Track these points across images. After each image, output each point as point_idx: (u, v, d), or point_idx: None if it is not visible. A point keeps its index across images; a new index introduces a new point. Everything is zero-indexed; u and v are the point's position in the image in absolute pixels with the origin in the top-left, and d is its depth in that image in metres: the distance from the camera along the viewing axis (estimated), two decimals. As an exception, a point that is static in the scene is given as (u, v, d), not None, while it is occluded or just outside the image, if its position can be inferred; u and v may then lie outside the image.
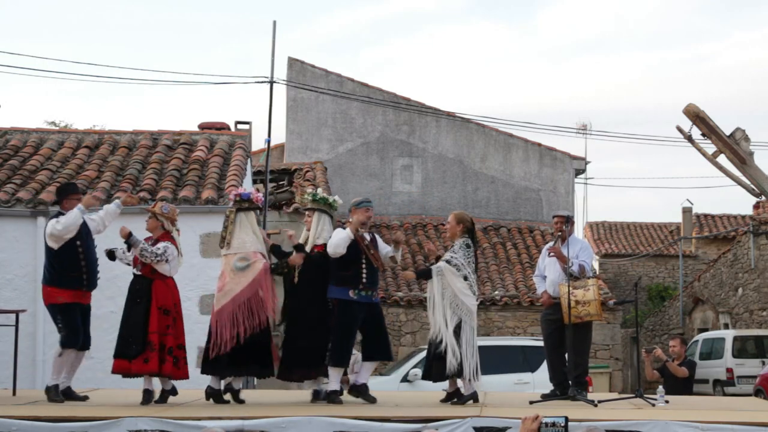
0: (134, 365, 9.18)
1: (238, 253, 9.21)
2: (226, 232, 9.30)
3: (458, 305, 9.05)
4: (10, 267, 13.74)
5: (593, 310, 9.59)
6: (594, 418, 7.86)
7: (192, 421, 7.87)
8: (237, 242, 9.24)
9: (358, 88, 26.15)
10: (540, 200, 26.61)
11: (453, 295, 9.05)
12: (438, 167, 26.39)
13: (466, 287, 9.09)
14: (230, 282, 9.17)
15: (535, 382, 14.31)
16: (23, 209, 13.87)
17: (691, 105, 11.24)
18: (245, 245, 9.24)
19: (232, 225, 9.27)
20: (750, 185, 11.44)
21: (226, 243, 9.28)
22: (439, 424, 7.78)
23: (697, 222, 37.28)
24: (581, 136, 29.64)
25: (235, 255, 9.21)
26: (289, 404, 9.10)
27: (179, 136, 16.79)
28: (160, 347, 9.20)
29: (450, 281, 9.07)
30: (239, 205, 9.35)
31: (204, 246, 13.86)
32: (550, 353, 10.15)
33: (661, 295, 36.99)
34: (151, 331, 9.18)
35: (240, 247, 9.22)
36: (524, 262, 23.22)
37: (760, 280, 25.42)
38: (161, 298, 9.30)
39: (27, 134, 16.72)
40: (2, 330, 11.49)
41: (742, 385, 22.04)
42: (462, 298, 9.07)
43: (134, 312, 9.26)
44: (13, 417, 7.92)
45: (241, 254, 9.20)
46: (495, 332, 21.20)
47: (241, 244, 9.23)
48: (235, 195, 9.43)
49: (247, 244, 9.25)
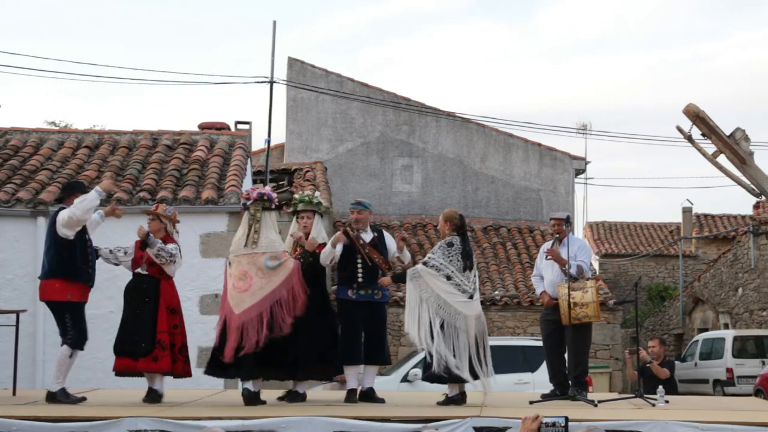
0: (141, 363, 9.26)
1: (267, 252, 8.99)
2: (251, 230, 9.03)
3: (441, 306, 8.87)
4: (10, 267, 13.74)
5: (591, 312, 9.59)
6: (594, 418, 7.86)
7: (192, 421, 7.87)
8: (265, 241, 9.02)
9: (358, 88, 26.14)
10: (540, 200, 26.60)
11: (435, 296, 8.89)
12: (438, 167, 26.38)
13: (450, 286, 8.89)
14: (259, 281, 8.91)
15: (535, 382, 14.30)
16: (23, 209, 13.88)
17: (691, 105, 11.23)
18: (274, 244, 9.06)
19: (258, 224, 9.04)
20: (750, 185, 11.42)
21: (252, 242, 9.02)
22: (439, 424, 7.78)
23: (697, 222, 37.28)
24: (581, 136, 29.71)
25: (264, 254, 8.97)
26: (289, 404, 9.10)
27: (179, 136, 16.79)
28: (171, 346, 9.30)
29: (429, 283, 8.91)
30: (264, 204, 9.14)
31: (204, 246, 13.86)
32: (549, 353, 10.15)
33: (661, 295, 36.99)
34: (161, 330, 9.28)
35: (269, 246, 9.02)
36: (524, 262, 23.21)
37: (760, 280, 25.42)
38: (168, 297, 9.44)
39: (27, 134, 16.73)
40: (2, 330, 11.50)
41: (742, 385, 22.04)
42: (446, 297, 8.88)
43: (142, 311, 9.31)
44: (13, 417, 7.92)
45: (271, 253, 8.99)
46: (495, 332, 21.17)
47: (270, 243, 9.03)
48: (259, 194, 9.16)
49: (276, 243, 9.08)
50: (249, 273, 8.94)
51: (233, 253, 9.11)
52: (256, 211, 9.08)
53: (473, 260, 9.17)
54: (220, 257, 13.11)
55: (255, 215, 9.07)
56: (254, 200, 9.12)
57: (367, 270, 9.24)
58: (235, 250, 9.10)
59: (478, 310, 9.10)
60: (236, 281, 8.95)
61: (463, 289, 8.96)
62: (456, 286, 8.93)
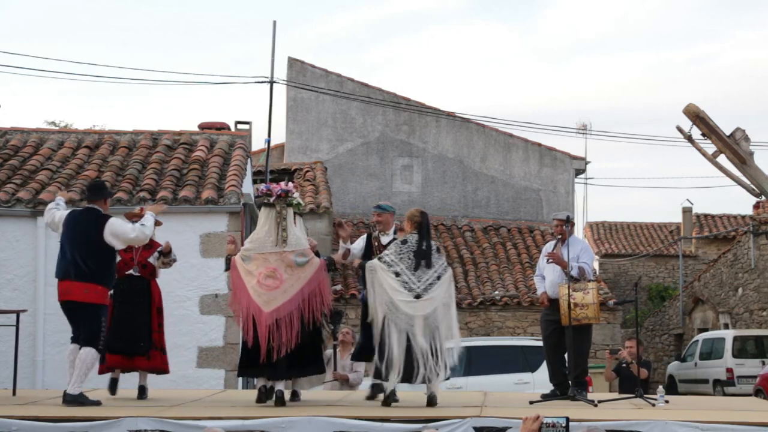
0: (138, 362, 9.46)
1: (296, 249, 8.90)
2: (279, 228, 8.89)
3: (386, 302, 8.82)
4: (10, 267, 13.74)
5: (591, 314, 9.59)
6: (594, 418, 7.86)
7: (192, 421, 7.87)
8: (293, 238, 8.92)
9: (358, 88, 26.15)
10: (540, 200, 26.61)
11: (383, 291, 8.86)
12: (438, 167, 26.39)
13: (398, 284, 8.83)
14: (289, 278, 8.79)
15: (535, 382, 14.30)
16: (23, 209, 13.87)
17: (691, 105, 11.23)
18: (301, 241, 8.99)
19: (285, 221, 8.92)
20: (750, 185, 11.43)
21: (282, 240, 8.86)
22: (439, 424, 7.78)
23: (697, 222, 37.28)
24: (581, 136, 29.72)
25: (293, 251, 8.87)
26: (289, 404, 9.09)
27: (179, 136, 16.79)
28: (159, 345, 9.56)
29: (381, 278, 8.87)
30: (286, 201, 8.99)
31: (204, 246, 13.85)
32: (549, 353, 10.15)
33: (661, 295, 37.00)
34: (154, 329, 9.54)
35: (297, 243, 8.93)
36: (524, 262, 23.22)
37: (760, 280, 25.43)
38: (158, 298, 9.72)
39: (27, 134, 16.72)
40: (2, 330, 11.50)
41: (742, 385, 22.06)
42: (391, 294, 8.82)
43: (136, 311, 9.47)
44: (13, 417, 7.92)
45: (300, 250, 8.91)
46: (495, 332, 21.20)
47: (297, 241, 8.95)
48: (283, 190, 9.01)
49: (302, 240, 9.01)
50: (278, 271, 8.81)
51: (256, 250, 8.90)
52: (282, 209, 8.93)
53: (431, 260, 8.97)
54: (220, 257, 13.10)
55: (281, 213, 8.92)
56: (279, 197, 8.95)
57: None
58: (259, 247, 8.91)
59: (426, 310, 8.88)
60: (264, 279, 8.78)
61: (410, 287, 8.86)
62: (403, 284, 8.85)
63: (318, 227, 19.86)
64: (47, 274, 13.53)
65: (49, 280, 13.71)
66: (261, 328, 8.66)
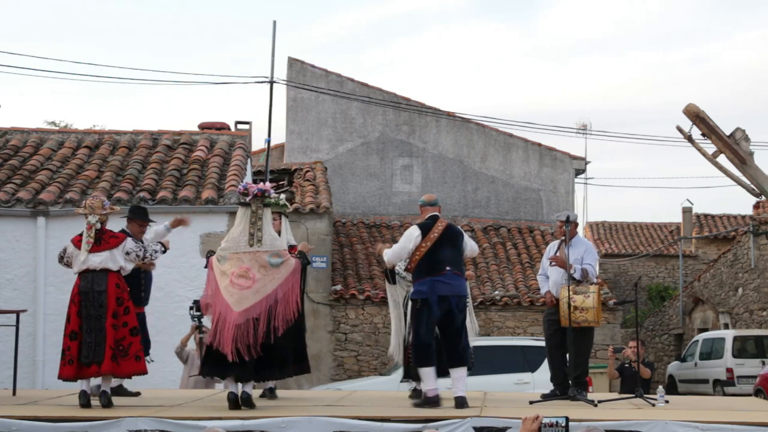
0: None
1: (270, 249, 8.84)
2: (254, 228, 8.84)
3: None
4: (10, 267, 13.75)
5: (591, 318, 9.57)
6: (594, 418, 7.86)
7: (192, 421, 7.87)
8: (268, 238, 8.88)
9: (358, 88, 26.14)
10: (540, 200, 26.60)
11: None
12: (438, 167, 26.38)
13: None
14: (262, 279, 8.73)
15: (535, 382, 14.31)
16: (23, 209, 13.88)
17: (691, 105, 11.22)
18: (276, 242, 8.94)
19: (261, 221, 8.87)
20: (750, 185, 11.42)
21: (256, 240, 8.83)
22: (439, 424, 7.77)
23: (697, 222, 37.28)
24: (581, 136, 29.68)
25: (267, 252, 8.81)
26: (289, 404, 9.09)
27: (179, 136, 16.80)
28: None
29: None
30: (264, 200, 8.96)
31: (204, 246, 13.85)
32: (551, 353, 10.14)
33: (661, 295, 36.99)
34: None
35: (272, 244, 8.88)
36: (524, 262, 23.21)
37: (760, 280, 25.42)
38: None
39: (27, 134, 16.73)
40: (2, 330, 11.51)
41: (742, 385, 22.05)
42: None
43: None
44: (13, 417, 7.92)
45: (275, 251, 8.85)
46: (495, 332, 21.18)
47: (272, 241, 8.90)
48: (260, 189, 8.96)
49: (277, 241, 8.97)
50: (251, 270, 8.77)
51: (230, 250, 8.85)
52: (258, 209, 8.89)
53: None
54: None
55: (257, 212, 8.88)
56: (255, 196, 8.91)
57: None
58: (234, 247, 8.86)
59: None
60: (236, 278, 8.73)
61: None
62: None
63: (318, 227, 19.84)
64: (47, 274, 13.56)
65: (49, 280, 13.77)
66: (227, 326, 8.55)
